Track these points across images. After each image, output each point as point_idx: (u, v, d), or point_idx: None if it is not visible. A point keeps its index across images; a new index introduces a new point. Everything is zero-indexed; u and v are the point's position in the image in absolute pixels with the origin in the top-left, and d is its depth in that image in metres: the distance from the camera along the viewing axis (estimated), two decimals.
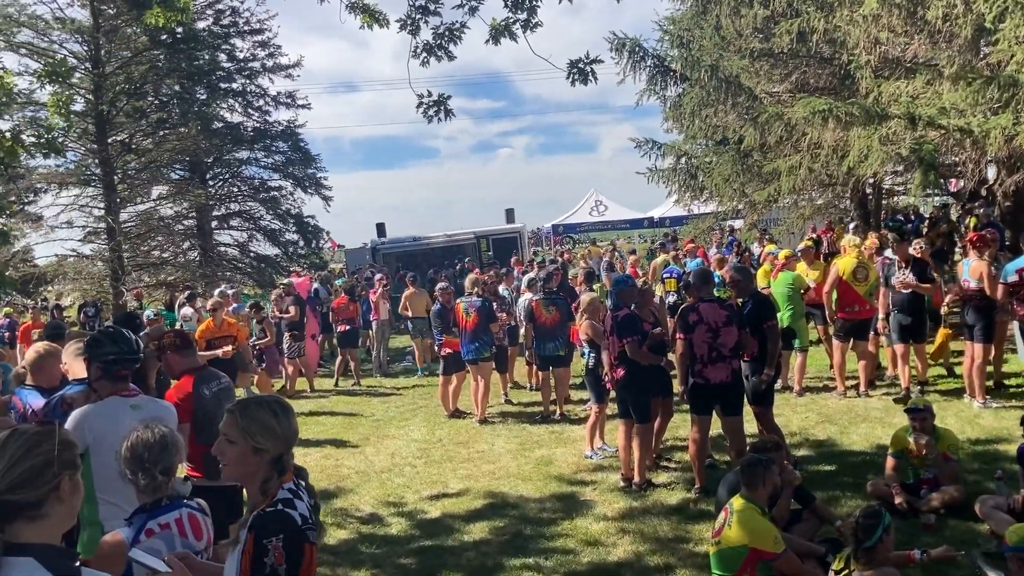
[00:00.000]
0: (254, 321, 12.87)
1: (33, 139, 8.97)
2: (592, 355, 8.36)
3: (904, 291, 9.14)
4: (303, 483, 2.61)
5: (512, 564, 5.89)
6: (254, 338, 12.60)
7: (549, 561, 5.89)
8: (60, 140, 11.69)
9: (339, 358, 14.59)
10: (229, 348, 10.36)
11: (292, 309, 13.59)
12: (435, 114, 7.26)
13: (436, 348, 11.33)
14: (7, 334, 16.84)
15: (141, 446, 3.11)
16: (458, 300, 10.78)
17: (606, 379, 7.84)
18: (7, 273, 18.75)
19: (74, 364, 4.85)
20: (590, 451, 8.42)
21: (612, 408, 9.03)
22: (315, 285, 16.70)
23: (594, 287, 11.95)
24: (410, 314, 14.38)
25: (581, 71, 6.82)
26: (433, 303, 11.95)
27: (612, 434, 8.87)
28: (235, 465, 2.53)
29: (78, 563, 2.05)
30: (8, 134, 9.23)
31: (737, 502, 4.75)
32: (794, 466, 6.25)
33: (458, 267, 22.26)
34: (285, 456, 2.54)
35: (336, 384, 14.16)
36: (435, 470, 8.52)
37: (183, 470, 4.87)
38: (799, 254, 11.23)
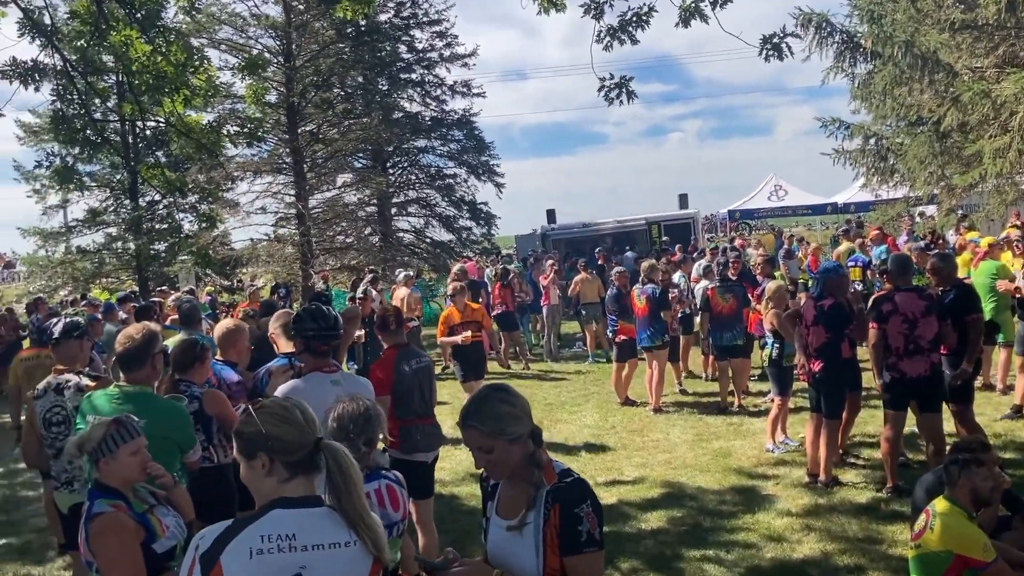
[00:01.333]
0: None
1: (236, 129, 9.53)
2: (776, 346, 8.04)
3: None
4: None
5: (691, 555, 5.78)
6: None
7: (730, 554, 5.73)
8: (260, 131, 12.44)
9: (503, 343, 14.79)
10: (468, 334, 9.43)
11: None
12: (616, 97, 7.20)
13: (610, 334, 11.26)
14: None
15: (347, 417, 3.24)
16: (633, 287, 10.67)
17: (800, 371, 7.53)
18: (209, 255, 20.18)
19: (280, 338, 5.17)
20: (771, 444, 8.13)
21: (794, 401, 8.71)
22: (487, 271, 17.04)
23: (775, 274, 11.52)
24: (582, 300, 14.43)
25: (775, 46, 6.55)
26: (608, 288, 11.90)
27: (794, 428, 8.54)
28: (504, 466, 2.53)
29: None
30: (213, 125, 9.94)
31: (940, 504, 4.42)
32: (999, 469, 5.77)
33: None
34: (536, 427, 2.56)
35: (507, 367, 14.39)
36: (609, 457, 8.49)
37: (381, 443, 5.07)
38: (1003, 243, 10.34)
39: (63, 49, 9.14)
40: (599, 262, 18.93)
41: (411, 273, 15.65)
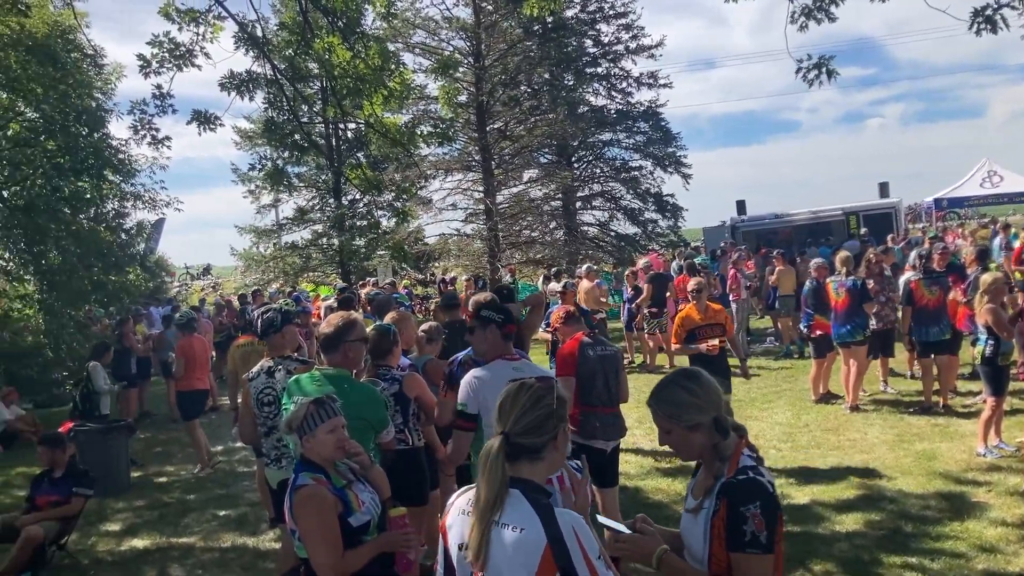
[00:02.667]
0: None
1: (430, 129, 9.94)
2: (990, 342, 7.43)
3: None
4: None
5: (891, 561, 5.45)
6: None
7: (935, 563, 5.36)
8: (451, 130, 12.89)
9: None
10: (715, 342, 7.61)
11: (646, 287, 13.86)
12: (815, 77, 6.90)
13: (804, 328, 10.79)
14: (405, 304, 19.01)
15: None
16: (828, 279, 10.18)
17: (1020, 372, 6.93)
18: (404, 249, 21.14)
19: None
20: (983, 448, 7.52)
21: (1010, 402, 8.03)
22: (674, 264, 16.81)
23: (989, 266, 10.63)
24: (779, 292, 13.97)
25: (988, 19, 6.03)
26: (807, 281, 11.40)
27: (1010, 431, 7.87)
28: (682, 448, 2.61)
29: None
30: (409, 125, 10.40)
31: None
32: None
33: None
34: (719, 417, 2.54)
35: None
36: (802, 455, 8.16)
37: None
38: None
39: (273, 58, 9.85)
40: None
41: (594, 266, 15.69)
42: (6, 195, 14.32)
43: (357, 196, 27.48)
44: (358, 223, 27.37)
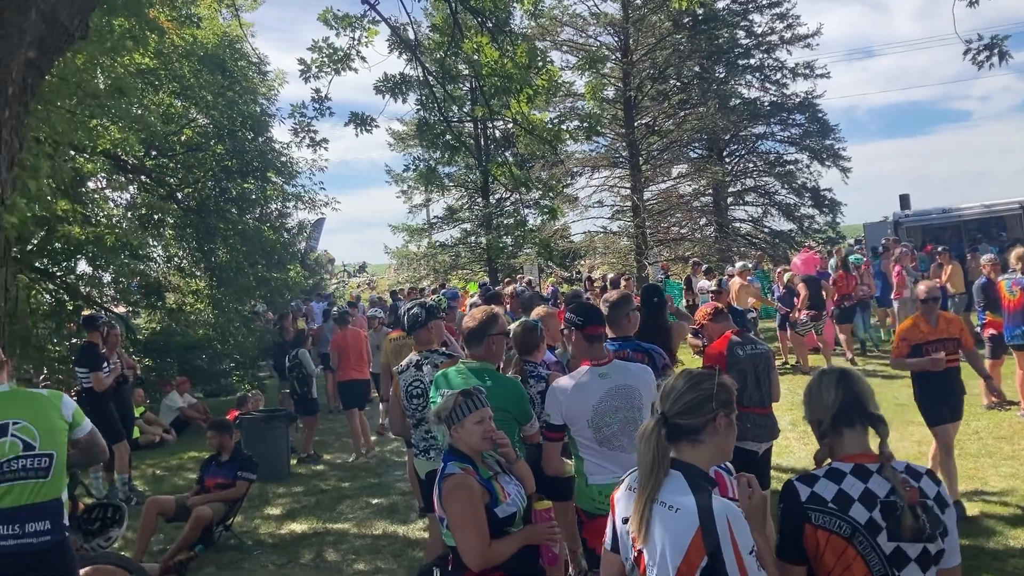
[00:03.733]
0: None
1: (576, 124, 9.94)
2: None
3: None
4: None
5: None
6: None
7: None
8: (598, 126, 12.86)
9: (843, 336, 13.81)
10: (942, 355, 6.13)
11: (801, 289, 13.29)
12: (986, 59, 6.42)
13: (979, 327, 10.05)
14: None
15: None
16: (1001, 277, 9.44)
17: None
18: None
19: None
20: None
21: None
22: (831, 261, 16.06)
23: None
24: (950, 290, 13.11)
25: None
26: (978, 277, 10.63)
27: None
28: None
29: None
30: (555, 122, 10.43)
31: None
32: None
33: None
34: (824, 422, 2.54)
35: (851, 361, 13.45)
36: (971, 464, 7.61)
37: None
38: None
39: (424, 60, 10.10)
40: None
41: (748, 264, 15.22)
42: (180, 197, 15.31)
43: (504, 195, 27.88)
44: (505, 221, 27.75)
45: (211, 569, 6.64)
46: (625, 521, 2.39)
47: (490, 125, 26.39)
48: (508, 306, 10.53)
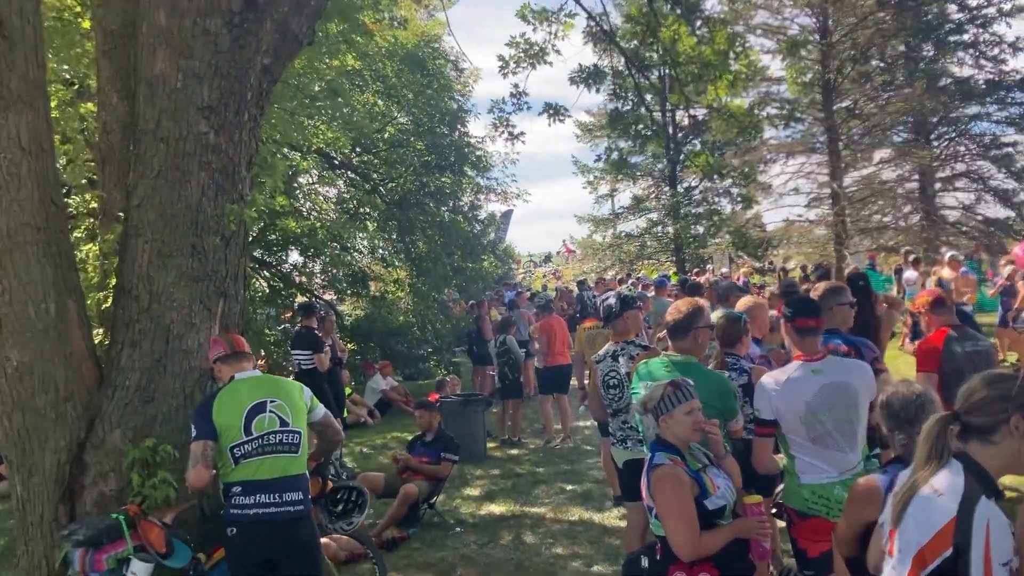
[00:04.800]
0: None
1: (774, 111, 9.69)
2: None
3: None
4: None
5: None
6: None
7: None
8: (797, 111, 12.44)
9: None
10: None
11: (1021, 285, 12.20)
12: None
13: None
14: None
15: (897, 403, 3.05)
16: None
17: None
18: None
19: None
20: None
21: None
22: None
23: None
24: None
25: None
26: None
27: None
28: None
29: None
30: (753, 108, 10.17)
31: None
32: None
33: None
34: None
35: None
36: None
37: None
38: None
39: (616, 52, 10.16)
40: None
41: (958, 254, 14.19)
42: (383, 191, 16.17)
43: (693, 183, 27.38)
44: (693, 210, 27.27)
45: (416, 544, 7.00)
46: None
47: (680, 113, 26.11)
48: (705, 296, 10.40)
